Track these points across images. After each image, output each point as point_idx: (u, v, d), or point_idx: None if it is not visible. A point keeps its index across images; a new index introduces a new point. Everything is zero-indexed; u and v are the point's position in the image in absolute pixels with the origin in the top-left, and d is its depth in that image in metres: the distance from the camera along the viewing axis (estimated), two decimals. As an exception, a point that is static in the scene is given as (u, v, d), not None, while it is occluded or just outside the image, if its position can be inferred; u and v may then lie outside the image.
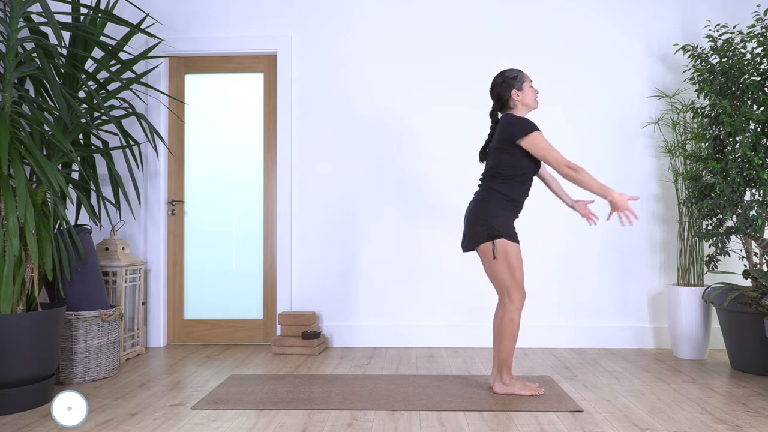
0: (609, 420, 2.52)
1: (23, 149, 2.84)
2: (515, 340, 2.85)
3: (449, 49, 4.16)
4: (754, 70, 3.48)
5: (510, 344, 2.84)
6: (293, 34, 4.21)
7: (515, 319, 2.82)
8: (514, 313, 2.82)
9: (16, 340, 2.65)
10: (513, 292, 2.82)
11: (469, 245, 2.88)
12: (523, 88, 2.90)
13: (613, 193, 2.74)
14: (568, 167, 2.73)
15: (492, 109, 3.00)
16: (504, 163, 2.83)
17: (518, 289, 2.82)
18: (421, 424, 2.48)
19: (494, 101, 2.97)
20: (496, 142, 2.85)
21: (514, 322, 2.82)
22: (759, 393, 2.93)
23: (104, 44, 3.38)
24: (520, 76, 2.91)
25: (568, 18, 4.15)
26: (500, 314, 2.86)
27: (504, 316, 2.83)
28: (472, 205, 2.89)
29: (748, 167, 3.40)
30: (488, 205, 2.82)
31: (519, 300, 2.83)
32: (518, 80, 2.90)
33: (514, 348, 2.86)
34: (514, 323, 2.82)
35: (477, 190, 2.96)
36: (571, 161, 2.78)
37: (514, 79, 2.90)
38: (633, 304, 4.08)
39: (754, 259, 3.61)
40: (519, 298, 2.83)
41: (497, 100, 2.94)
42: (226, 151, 4.30)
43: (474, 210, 2.87)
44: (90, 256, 3.32)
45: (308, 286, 4.16)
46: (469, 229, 2.87)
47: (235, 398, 2.83)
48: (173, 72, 4.29)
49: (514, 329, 2.83)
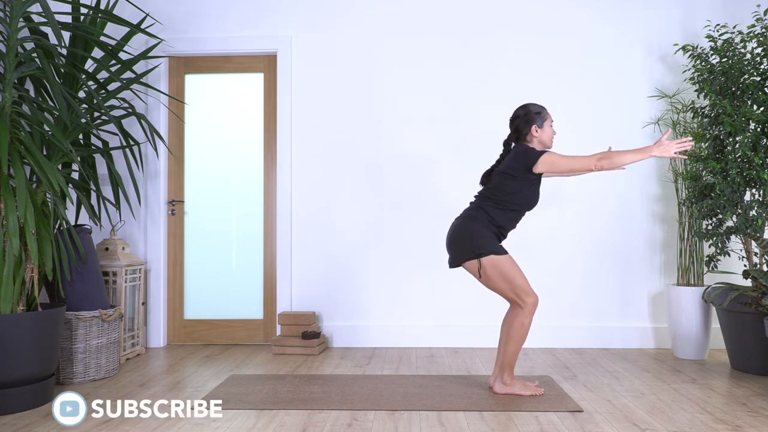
0: (609, 420, 2.52)
1: (23, 149, 2.84)
2: (522, 343, 2.85)
3: (449, 48, 4.16)
4: (754, 70, 3.48)
5: (517, 346, 2.83)
6: (293, 34, 4.21)
7: (526, 323, 2.81)
8: (526, 317, 2.80)
9: (16, 340, 2.65)
10: (523, 298, 2.80)
11: (454, 262, 2.88)
12: (543, 126, 2.87)
13: (653, 150, 2.67)
14: (599, 160, 2.69)
15: (507, 138, 2.97)
16: (505, 188, 2.81)
17: (527, 294, 2.80)
18: (421, 424, 2.48)
19: (511, 131, 2.94)
20: (504, 167, 2.84)
21: (525, 325, 2.81)
22: (759, 393, 2.93)
23: (104, 44, 3.38)
24: (543, 113, 2.88)
25: (568, 18, 4.14)
26: (511, 317, 2.85)
27: (515, 320, 2.82)
28: (458, 222, 2.87)
29: (748, 167, 3.40)
30: (473, 224, 2.80)
31: (531, 305, 2.80)
32: (540, 117, 2.88)
33: (520, 350, 2.83)
34: (524, 327, 2.81)
35: (467, 207, 2.92)
36: (595, 153, 2.72)
37: (537, 115, 2.88)
38: (633, 304, 4.08)
39: (754, 259, 3.61)
40: (531, 302, 2.80)
41: (515, 131, 2.92)
42: (226, 151, 4.30)
43: (459, 227, 2.85)
44: (90, 256, 3.32)
45: (308, 286, 4.16)
46: (453, 246, 2.85)
47: (235, 398, 2.83)
48: (173, 72, 4.29)
49: (523, 332, 2.82)
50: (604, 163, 2.69)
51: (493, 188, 2.86)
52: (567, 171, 2.75)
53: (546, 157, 2.75)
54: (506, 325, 2.86)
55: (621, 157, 2.68)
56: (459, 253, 2.83)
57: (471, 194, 4.09)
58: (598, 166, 2.70)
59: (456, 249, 2.84)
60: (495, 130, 4.14)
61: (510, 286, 2.78)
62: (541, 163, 2.75)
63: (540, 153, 2.77)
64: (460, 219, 2.89)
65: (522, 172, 2.79)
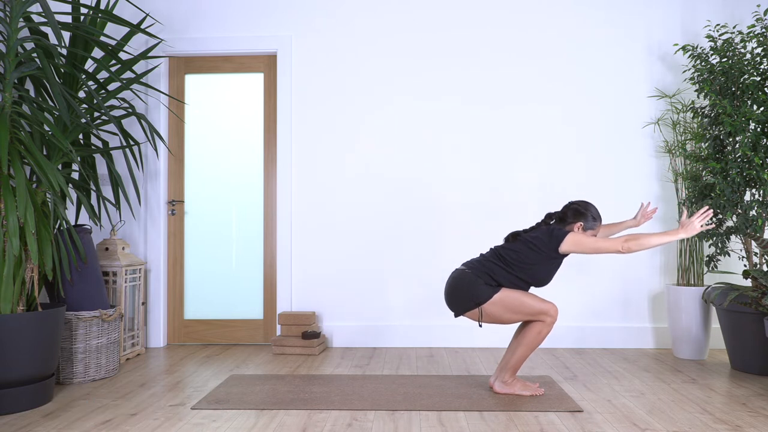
0: (609, 420, 2.52)
1: (23, 149, 2.84)
2: (533, 350, 2.86)
3: (449, 47, 4.16)
4: (754, 70, 3.48)
5: (528, 352, 2.83)
6: (293, 34, 4.21)
7: (544, 332, 2.80)
8: (545, 327, 2.80)
9: (16, 340, 2.65)
10: (541, 317, 2.79)
11: (458, 312, 2.85)
12: (586, 229, 2.86)
13: (679, 232, 2.69)
14: (625, 242, 2.67)
15: (552, 215, 2.95)
16: (524, 257, 2.79)
17: (544, 312, 2.78)
18: (421, 424, 2.48)
19: (560, 213, 2.93)
20: (531, 237, 2.81)
21: (542, 334, 2.80)
22: (759, 393, 2.93)
23: (104, 44, 3.38)
24: (596, 222, 2.87)
25: (568, 18, 4.14)
26: (530, 322, 2.84)
27: (533, 326, 2.81)
28: (459, 273, 2.85)
29: (748, 167, 3.40)
30: (473, 279, 2.79)
31: (552, 317, 2.79)
32: (592, 221, 2.86)
33: (528, 356, 2.80)
34: (540, 335, 2.80)
35: (475, 258, 2.90)
36: (621, 236, 2.70)
37: (592, 219, 2.86)
38: (633, 304, 4.08)
39: (754, 259, 3.61)
40: (552, 315, 2.79)
41: (562, 215, 2.91)
42: (226, 151, 4.30)
43: (459, 278, 2.82)
44: (90, 256, 3.32)
45: (308, 286, 4.16)
46: (454, 296, 2.83)
47: (235, 398, 2.83)
48: (173, 72, 4.29)
49: (539, 340, 2.82)
50: (632, 245, 2.67)
51: (512, 251, 2.82)
52: (593, 252, 2.73)
53: (573, 237, 2.74)
54: (522, 329, 2.87)
55: (648, 240, 2.66)
56: (461, 305, 2.81)
57: (470, 193, 4.14)
58: (625, 248, 2.68)
59: (459, 299, 2.82)
60: (495, 128, 4.15)
61: (523, 313, 2.78)
62: (568, 242, 2.74)
63: (567, 232, 2.76)
64: (462, 271, 2.85)
65: (545, 248, 2.77)
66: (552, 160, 4.12)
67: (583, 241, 2.73)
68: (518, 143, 4.13)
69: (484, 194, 4.11)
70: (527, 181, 4.12)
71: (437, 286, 4.12)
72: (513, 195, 4.10)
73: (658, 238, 2.67)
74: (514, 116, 4.13)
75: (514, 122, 4.13)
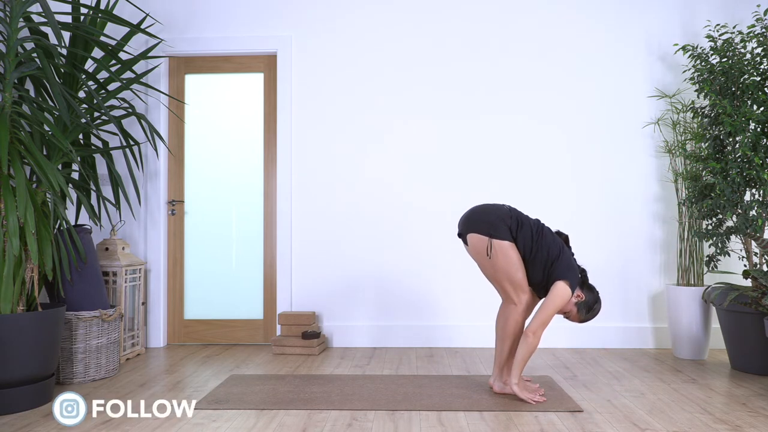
0: (609, 420, 2.52)
1: (23, 149, 2.84)
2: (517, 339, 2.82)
3: (449, 50, 4.16)
4: (754, 70, 3.48)
5: (512, 343, 2.82)
6: (293, 34, 4.21)
7: (520, 320, 2.80)
8: (520, 315, 2.80)
9: (16, 340, 2.65)
10: (519, 294, 2.78)
11: (467, 230, 2.80)
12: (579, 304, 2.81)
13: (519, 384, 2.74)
14: (533, 332, 2.68)
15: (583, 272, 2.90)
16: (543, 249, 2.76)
17: (523, 292, 2.79)
18: (421, 424, 2.48)
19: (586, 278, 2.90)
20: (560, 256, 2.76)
21: (519, 323, 2.80)
22: (759, 393, 2.93)
23: (104, 44, 3.38)
24: (593, 309, 2.84)
25: (568, 18, 4.14)
26: (505, 314, 2.84)
27: (509, 317, 2.81)
28: (498, 205, 2.84)
29: (748, 167, 3.40)
30: (504, 216, 2.77)
31: (525, 303, 2.79)
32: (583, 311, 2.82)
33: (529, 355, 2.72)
34: (518, 324, 2.80)
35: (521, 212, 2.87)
36: (540, 331, 2.70)
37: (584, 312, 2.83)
38: (633, 304, 4.08)
39: (754, 259, 3.61)
40: (525, 300, 2.79)
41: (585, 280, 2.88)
42: (226, 151, 4.30)
43: (494, 206, 2.82)
44: (90, 256, 3.32)
45: (308, 286, 4.16)
46: (477, 214, 2.80)
47: (235, 398, 2.83)
48: (173, 72, 4.29)
49: (518, 329, 2.80)
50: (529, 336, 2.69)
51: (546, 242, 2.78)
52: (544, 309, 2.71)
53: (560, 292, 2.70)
54: (501, 323, 2.86)
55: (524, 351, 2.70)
56: (474, 223, 2.78)
57: (470, 193, 4.13)
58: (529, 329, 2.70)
59: (475, 218, 2.79)
60: (495, 129, 4.15)
61: (511, 277, 2.76)
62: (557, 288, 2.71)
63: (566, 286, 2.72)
64: (501, 204, 2.86)
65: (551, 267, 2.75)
66: (552, 160, 4.11)
67: (556, 302, 2.70)
68: (518, 144, 4.13)
69: (485, 194, 4.11)
70: (527, 181, 4.12)
71: (437, 286, 4.12)
72: (513, 196, 4.09)
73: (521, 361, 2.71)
74: (514, 117, 4.13)
75: (514, 123, 4.13)
